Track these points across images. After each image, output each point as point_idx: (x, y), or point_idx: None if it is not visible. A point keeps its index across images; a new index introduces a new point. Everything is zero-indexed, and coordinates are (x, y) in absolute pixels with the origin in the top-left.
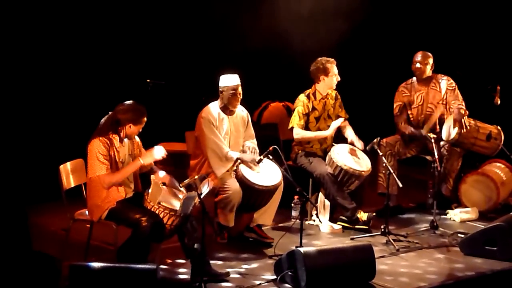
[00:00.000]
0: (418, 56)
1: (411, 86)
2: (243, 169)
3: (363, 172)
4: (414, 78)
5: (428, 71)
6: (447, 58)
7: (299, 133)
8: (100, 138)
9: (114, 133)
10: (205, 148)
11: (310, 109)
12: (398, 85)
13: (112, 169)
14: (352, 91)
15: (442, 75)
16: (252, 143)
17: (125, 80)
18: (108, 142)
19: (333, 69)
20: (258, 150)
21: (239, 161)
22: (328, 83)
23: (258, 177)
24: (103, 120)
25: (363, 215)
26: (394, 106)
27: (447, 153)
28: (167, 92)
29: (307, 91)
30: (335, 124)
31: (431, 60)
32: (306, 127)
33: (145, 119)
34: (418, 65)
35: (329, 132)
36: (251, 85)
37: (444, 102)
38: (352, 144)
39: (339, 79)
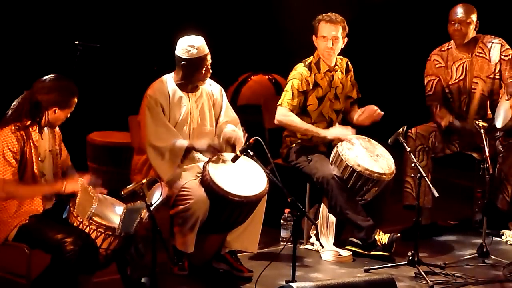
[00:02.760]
0: (457, 12)
1: (448, 53)
2: (212, 171)
3: (383, 176)
4: (452, 42)
5: (472, 33)
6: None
7: (286, 115)
8: (13, 127)
9: (31, 120)
10: (143, 141)
11: (311, 86)
12: (430, 51)
13: (26, 172)
14: (368, 60)
15: (492, 37)
16: (234, 130)
17: (43, 43)
18: (24, 134)
19: (324, 28)
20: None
21: (205, 159)
22: (318, 48)
23: (233, 182)
24: (16, 102)
25: (382, 237)
26: (425, 82)
27: (503, 149)
28: (104, 60)
29: (308, 60)
30: (340, 132)
31: (474, 17)
32: (304, 110)
33: (76, 100)
34: (457, 25)
35: (325, 134)
36: (223, 50)
37: (497, 76)
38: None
39: (329, 45)
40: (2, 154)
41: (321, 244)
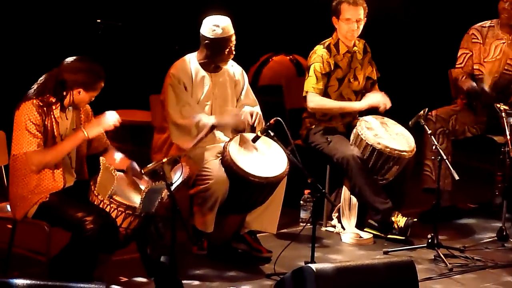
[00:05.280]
0: None
1: (488, 30)
2: (233, 151)
3: (404, 153)
4: (496, 21)
5: None
6: None
7: (316, 101)
8: (35, 101)
9: (55, 97)
10: (167, 119)
11: (332, 67)
12: (461, 29)
13: (47, 146)
14: (390, 42)
15: None
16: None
17: (64, 21)
18: (45, 109)
19: (348, 11)
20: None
21: (226, 139)
22: (340, 30)
23: (253, 163)
24: (42, 78)
25: (400, 220)
26: (458, 54)
27: None
28: (126, 39)
29: (327, 41)
30: (373, 99)
31: None
32: (325, 92)
33: (102, 84)
34: (507, 4)
35: (360, 105)
36: (245, 31)
37: None
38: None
39: (354, 28)
40: (25, 127)
41: (342, 227)
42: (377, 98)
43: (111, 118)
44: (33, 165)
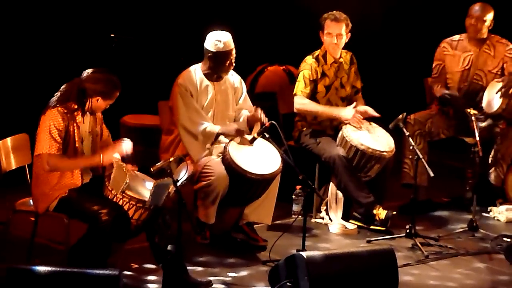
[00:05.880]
0: (476, 9)
1: (458, 44)
2: (232, 151)
3: (384, 153)
4: (465, 35)
5: (485, 30)
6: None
7: (303, 103)
8: (59, 108)
9: (77, 104)
10: (177, 124)
11: (319, 75)
12: (434, 42)
13: (69, 150)
14: (372, 54)
15: (500, 38)
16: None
17: (81, 35)
18: (69, 115)
19: (330, 26)
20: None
21: (227, 140)
22: (324, 43)
23: (251, 161)
24: (64, 87)
25: (381, 212)
26: (433, 66)
27: (500, 131)
28: (137, 51)
29: (316, 52)
30: (350, 117)
31: (490, 16)
32: (313, 98)
33: (118, 93)
34: (473, 20)
35: (344, 114)
36: (243, 43)
37: (498, 72)
38: (365, 114)
39: (334, 41)
40: (48, 131)
41: (330, 218)
42: (353, 117)
43: (126, 147)
44: (47, 165)
